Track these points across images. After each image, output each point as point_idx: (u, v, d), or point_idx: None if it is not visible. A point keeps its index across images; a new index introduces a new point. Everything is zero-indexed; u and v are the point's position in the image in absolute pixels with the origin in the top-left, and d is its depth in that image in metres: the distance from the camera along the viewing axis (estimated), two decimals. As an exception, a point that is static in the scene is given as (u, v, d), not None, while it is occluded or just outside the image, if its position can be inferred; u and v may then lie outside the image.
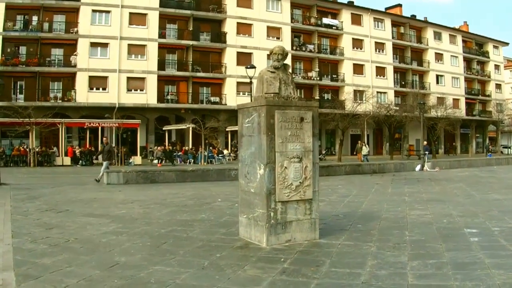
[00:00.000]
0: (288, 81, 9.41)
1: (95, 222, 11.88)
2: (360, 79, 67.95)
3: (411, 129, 69.27)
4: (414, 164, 35.53)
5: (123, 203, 15.73)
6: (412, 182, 23.57)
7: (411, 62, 75.02)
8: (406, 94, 70.09)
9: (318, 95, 65.51)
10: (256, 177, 9.10)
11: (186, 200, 16.30)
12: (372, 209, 13.57)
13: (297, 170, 9.04)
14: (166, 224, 11.53)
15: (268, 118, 8.78)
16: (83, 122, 48.13)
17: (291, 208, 9.07)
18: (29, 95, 49.82)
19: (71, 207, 14.83)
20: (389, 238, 9.52)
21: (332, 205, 14.64)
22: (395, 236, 9.73)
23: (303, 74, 65.93)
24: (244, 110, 9.58)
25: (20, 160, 43.14)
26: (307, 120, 9.15)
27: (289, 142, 8.98)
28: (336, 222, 11.44)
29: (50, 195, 18.52)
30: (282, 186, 8.92)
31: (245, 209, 9.60)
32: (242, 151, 9.73)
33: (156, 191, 19.85)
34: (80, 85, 51.71)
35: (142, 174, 24.63)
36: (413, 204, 14.74)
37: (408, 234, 9.87)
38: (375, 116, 60.20)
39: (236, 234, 9.96)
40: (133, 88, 54.05)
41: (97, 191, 20.07)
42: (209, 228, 10.88)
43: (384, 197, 16.65)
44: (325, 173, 28.90)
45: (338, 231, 10.21)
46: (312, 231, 9.35)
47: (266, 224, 8.84)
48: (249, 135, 9.35)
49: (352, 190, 19.56)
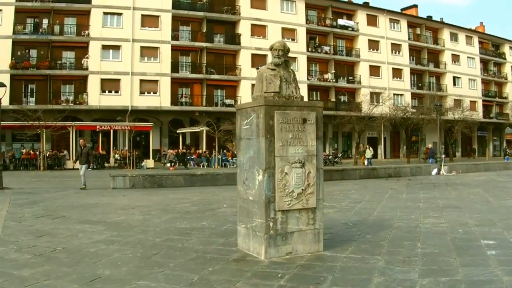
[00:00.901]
0: (290, 79, 8.65)
1: (89, 230, 11.28)
2: (376, 81, 66.91)
3: (428, 132, 68.00)
4: (431, 168, 34.53)
5: (124, 209, 15.09)
6: (428, 187, 22.65)
7: (427, 64, 73.83)
8: (423, 96, 69.06)
9: (334, 97, 64.87)
10: (254, 183, 8.36)
11: (190, 206, 15.61)
12: (384, 217, 12.75)
13: (299, 176, 8.27)
14: (162, 232, 10.86)
15: (267, 119, 8.04)
16: (94, 125, 47.72)
17: (293, 217, 8.31)
18: (40, 98, 49.41)
19: (70, 213, 14.27)
20: (399, 250, 8.73)
21: (342, 212, 13.85)
22: (406, 248, 8.93)
23: (319, 76, 65.09)
24: (243, 111, 8.84)
25: (30, 163, 42.72)
26: (310, 122, 8.39)
27: (290, 146, 8.22)
28: (345, 232, 10.65)
29: (52, 200, 17.95)
30: (283, 193, 8.17)
31: (243, 218, 8.87)
32: (240, 155, 9.01)
33: (161, 196, 19.20)
34: (92, 88, 51.24)
35: (149, 178, 23.97)
36: (428, 211, 13.88)
37: (420, 246, 9.06)
38: (392, 118, 59.17)
39: (234, 245, 9.24)
40: (146, 90, 53.54)
41: (101, 196, 19.46)
42: (207, 238, 10.17)
43: (397, 204, 15.79)
44: (339, 177, 28.41)
45: (345, 242, 9.43)
46: (316, 242, 8.57)
47: (265, 235, 8.09)
48: (248, 138, 8.61)
49: (365, 195, 18.74)
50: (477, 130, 75.29)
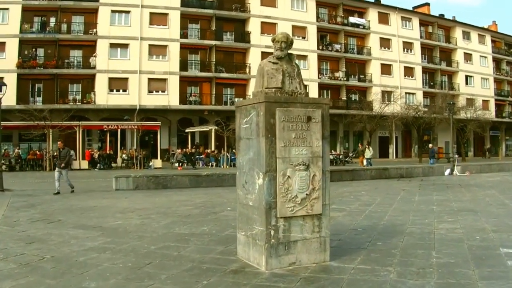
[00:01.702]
0: (294, 74, 7.91)
1: (82, 236, 10.64)
2: (388, 79, 66.25)
3: (440, 131, 67.47)
4: (444, 168, 33.69)
5: (123, 212, 14.43)
6: (441, 188, 21.82)
7: (439, 63, 73.07)
8: (435, 95, 68.35)
9: (345, 96, 64.49)
10: (254, 188, 7.66)
11: (192, 209, 14.91)
12: (395, 222, 11.98)
13: (303, 179, 7.55)
14: (159, 239, 10.19)
15: (267, 117, 7.33)
16: (101, 125, 47.30)
17: (296, 225, 7.59)
18: (48, 97, 49.08)
19: (66, 216, 13.66)
20: (412, 260, 7.97)
21: (352, 216, 13.10)
22: (420, 257, 8.18)
23: (329, 74, 64.67)
24: (242, 108, 8.13)
25: (36, 164, 42.20)
26: (316, 120, 7.65)
27: (294, 146, 7.50)
28: (354, 238, 9.91)
29: (50, 202, 17.37)
30: (285, 199, 7.45)
31: (243, 225, 8.17)
32: (239, 157, 8.30)
33: (164, 198, 18.56)
34: (100, 87, 50.91)
35: (153, 179, 23.29)
36: (442, 215, 13.09)
37: (435, 255, 8.30)
38: (404, 117, 58.33)
39: (234, 253, 8.54)
40: (155, 89, 53.11)
41: (102, 198, 18.84)
42: (205, 245, 9.48)
43: (410, 206, 14.99)
44: (349, 178, 27.78)
45: (354, 251, 8.69)
46: (322, 252, 7.83)
47: (266, 244, 7.37)
48: (247, 138, 7.91)
49: (376, 197, 17.95)
50: (489, 129, 74.23)
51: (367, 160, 40.27)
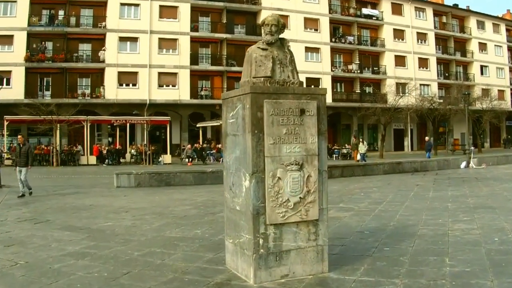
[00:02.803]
0: (286, 61, 6.98)
1: (66, 239, 9.88)
2: (402, 71, 64.96)
3: (456, 123, 66.43)
4: (459, 160, 32.60)
5: (117, 212, 13.63)
6: (456, 183, 20.77)
7: (454, 53, 71.76)
8: (450, 86, 67.29)
9: (359, 89, 63.56)
10: (241, 190, 6.76)
11: (191, 209, 14.04)
12: (407, 222, 11.01)
13: (296, 181, 6.63)
14: (146, 243, 9.37)
15: (254, 110, 6.42)
16: (109, 119, 46.67)
17: (289, 232, 6.68)
18: (56, 91, 48.44)
19: (56, 216, 12.95)
20: (422, 270, 7.02)
21: (359, 216, 12.15)
22: (431, 266, 7.24)
23: (343, 67, 63.59)
24: (228, 101, 7.24)
25: (43, 159, 41.60)
26: (310, 113, 6.73)
27: (285, 143, 6.58)
28: (359, 243, 8.96)
29: (45, 200, 16.69)
30: (275, 203, 6.54)
31: (231, 232, 7.30)
32: (226, 156, 7.43)
33: (164, 196, 17.78)
34: (109, 81, 50.10)
35: (155, 176, 22.48)
36: (457, 213, 12.10)
37: (449, 263, 7.36)
38: (418, 109, 57.10)
39: (223, 262, 7.65)
40: (165, 83, 52.34)
41: (100, 196, 18.13)
42: (194, 251, 8.63)
43: (423, 204, 13.98)
44: (361, 173, 27.04)
45: (358, 258, 7.76)
46: (319, 262, 6.90)
47: (254, 254, 6.48)
48: (234, 134, 7.01)
49: (387, 194, 16.98)
50: (505, 119, 72.84)
51: (361, 155, 38.70)
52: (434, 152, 54.63)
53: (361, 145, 39.65)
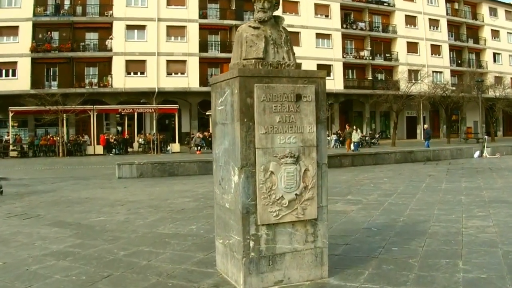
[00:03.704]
0: (280, 41, 6.20)
1: (52, 236, 9.23)
2: (414, 58, 64.10)
3: (469, 111, 65.76)
4: (473, 150, 31.67)
5: (112, 206, 12.96)
6: (470, 173, 19.90)
7: (467, 40, 70.90)
8: (463, 74, 66.61)
9: (371, 75, 62.94)
10: (230, 186, 6.02)
11: (190, 202, 13.33)
12: (417, 218, 10.21)
13: (291, 176, 5.85)
14: (135, 241, 8.68)
15: (243, 96, 5.66)
16: (115, 109, 46.21)
17: (283, 233, 5.92)
18: (63, 81, 48.15)
19: (48, 211, 12.29)
20: (433, 276, 6.24)
21: (367, 210, 11.38)
22: (443, 270, 6.45)
23: (354, 53, 62.99)
24: (217, 86, 6.49)
25: (49, 150, 41.11)
26: (308, 98, 5.94)
27: (278, 133, 5.80)
28: (364, 242, 8.18)
29: (41, 193, 16.00)
30: (267, 201, 5.77)
31: (220, 232, 6.58)
32: (215, 147, 6.67)
33: (165, 188, 17.12)
34: (117, 70, 49.78)
35: (158, 166, 21.80)
36: (472, 208, 11.27)
37: (463, 267, 6.55)
38: (431, 96, 56.17)
39: (214, 264, 6.93)
40: (173, 71, 51.82)
41: (99, 188, 17.51)
42: (184, 250, 7.91)
43: (435, 197, 13.17)
44: (372, 162, 26.31)
45: (362, 261, 7.01)
46: (317, 266, 6.13)
47: (243, 258, 5.74)
48: (222, 122, 6.26)
49: (398, 185, 16.20)
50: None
51: (355, 144, 37.64)
52: (448, 141, 53.80)
53: (354, 133, 38.57)
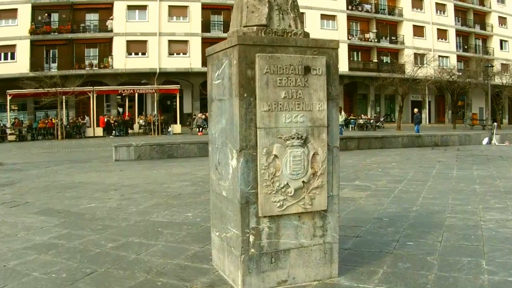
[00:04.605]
0: (287, 7, 5.37)
1: (37, 225, 8.46)
2: (420, 41, 63.09)
3: (475, 97, 65.31)
4: (481, 136, 30.84)
5: (105, 191, 12.20)
6: (481, 161, 19.04)
7: (473, 26, 69.88)
8: (469, 59, 65.82)
9: (376, 58, 62.14)
10: (228, 171, 5.25)
11: (187, 186, 12.59)
12: (431, 207, 9.43)
13: (298, 160, 5.06)
14: (126, 230, 7.96)
15: (242, 68, 4.86)
16: (116, 89, 45.39)
17: (288, 227, 5.15)
18: (63, 63, 47.58)
19: (38, 197, 11.53)
20: (455, 277, 5.45)
21: (377, 197, 10.62)
22: (465, 270, 5.66)
23: (359, 35, 62.18)
24: (214, 57, 5.70)
25: (47, 133, 40.45)
26: (318, 71, 5.14)
27: (283, 111, 5.00)
28: (376, 234, 7.43)
29: (33, 178, 15.18)
30: (270, 189, 4.98)
31: (217, 223, 5.82)
32: (211, 126, 5.87)
33: (163, 170, 16.43)
34: (118, 51, 49.22)
35: (157, 148, 21.10)
36: (488, 198, 10.45)
37: (487, 268, 5.76)
38: (437, 81, 55.38)
39: (210, 258, 6.19)
40: (175, 52, 51.15)
41: (94, 171, 16.76)
42: (178, 242, 7.18)
43: (448, 185, 12.37)
44: (378, 145, 25.86)
45: (375, 256, 6.25)
46: (326, 264, 5.37)
47: (242, 255, 4.99)
48: (219, 98, 5.48)
49: (407, 171, 15.43)
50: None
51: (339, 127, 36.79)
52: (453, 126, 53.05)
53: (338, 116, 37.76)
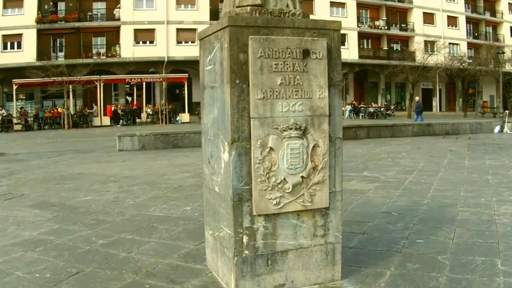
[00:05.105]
0: (284, -16, 4.96)
1: (30, 220, 8.08)
2: (430, 29, 62.18)
3: (485, 84, 64.48)
4: (493, 124, 30.21)
5: (104, 183, 11.81)
6: (493, 150, 18.46)
7: (483, 12, 68.71)
8: (480, 46, 64.79)
9: (386, 46, 61.26)
10: (220, 165, 4.81)
11: (189, 178, 12.11)
12: (443, 200, 8.94)
13: (296, 153, 4.60)
14: (120, 226, 7.57)
15: (234, 51, 4.40)
16: (123, 78, 45.04)
17: (285, 226, 4.70)
18: (70, 52, 47.12)
19: (34, 189, 11.14)
20: (469, 279, 4.99)
21: (386, 189, 10.14)
22: (479, 272, 5.20)
23: (369, 23, 61.31)
24: (205, 41, 5.24)
25: (54, 122, 40.20)
26: (318, 55, 4.67)
27: (280, 99, 4.53)
28: (385, 230, 6.97)
29: (34, 169, 14.80)
30: (266, 185, 4.54)
31: (210, 221, 5.39)
32: (204, 115, 5.46)
33: (166, 161, 16.04)
34: (125, 39, 48.67)
35: (161, 137, 20.64)
36: (501, 189, 9.95)
37: (502, 268, 5.29)
38: (448, 68, 54.64)
39: (203, 258, 5.76)
40: (184, 40, 50.55)
41: (96, 162, 16.39)
42: (173, 238, 6.77)
43: (460, 176, 11.87)
44: (388, 134, 25.29)
45: (382, 256, 5.79)
46: (328, 266, 4.93)
47: (235, 257, 4.55)
48: (211, 86, 5.04)
49: (418, 161, 14.91)
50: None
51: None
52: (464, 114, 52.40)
53: None
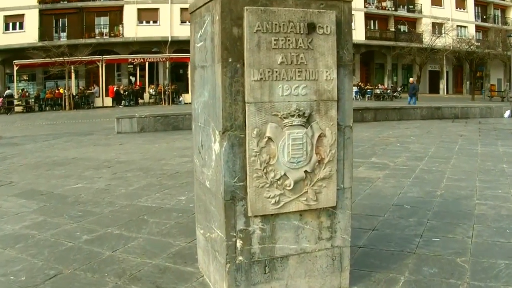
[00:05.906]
0: None
1: (13, 211, 7.49)
2: (438, 10, 61.46)
3: (493, 68, 63.74)
4: (503, 109, 29.50)
5: (97, 168, 11.20)
6: (505, 135, 17.68)
7: (492, -6, 67.79)
8: (488, 29, 64.03)
9: (394, 27, 60.61)
10: (211, 157, 4.16)
11: (187, 163, 11.35)
12: (458, 191, 8.25)
13: (299, 144, 3.94)
14: (107, 218, 6.98)
15: (226, 25, 3.73)
16: (125, 59, 44.46)
17: (286, 228, 4.06)
18: (73, 32, 46.57)
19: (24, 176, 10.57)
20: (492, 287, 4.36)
21: (396, 178, 9.47)
22: (503, 278, 4.54)
23: (376, 3, 60.53)
24: (196, 14, 4.57)
25: (55, 103, 39.72)
26: (325, 30, 3.98)
27: (280, 81, 3.85)
28: (396, 226, 6.32)
29: (27, 153, 14.23)
30: (263, 181, 3.89)
31: (201, 218, 4.77)
32: (194, 99, 4.80)
33: (166, 144, 15.54)
34: (128, 19, 48.14)
35: (161, 119, 20.07)
36: (518, 179, 9.31)
37: None
38: (455, 51, 53.93)
39: (195, 258, 5.15)
40: (188, 19, 49.16)
41: (92, 145, 15.82)
42: (164, 234, 6.18)
43: (473, 164, 11.14)
44: (396, 117, 24.71)
45: (395, 258, 5.15)
46: (335, 272, 4.29)
47: (227, 264, 3.92)
48: (202, 65, 4.38)
49: (428, 146, 14.20)
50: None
51: None
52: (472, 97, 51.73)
53: None
